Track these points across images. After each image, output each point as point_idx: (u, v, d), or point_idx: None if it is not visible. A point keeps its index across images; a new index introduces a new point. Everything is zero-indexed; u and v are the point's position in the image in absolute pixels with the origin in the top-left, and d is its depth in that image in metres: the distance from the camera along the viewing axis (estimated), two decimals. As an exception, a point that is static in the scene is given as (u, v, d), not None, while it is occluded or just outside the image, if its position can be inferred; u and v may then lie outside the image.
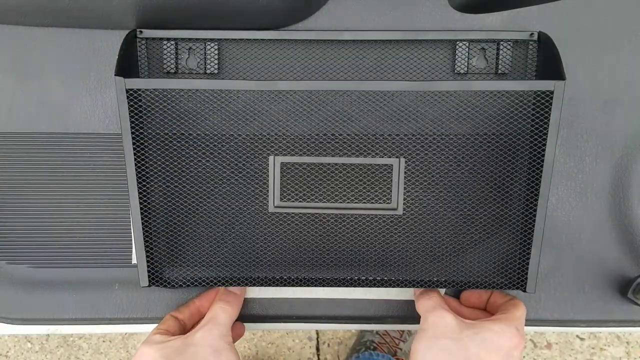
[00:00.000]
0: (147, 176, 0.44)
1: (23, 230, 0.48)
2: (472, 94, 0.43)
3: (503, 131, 0.44)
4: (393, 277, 0.46)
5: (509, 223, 0.45)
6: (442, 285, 0.46)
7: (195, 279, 0.46)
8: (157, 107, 0.44)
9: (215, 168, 0.45)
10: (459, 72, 0.46)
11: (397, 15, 0.46)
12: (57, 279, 0.48)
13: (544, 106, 0.41)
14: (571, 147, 0.47)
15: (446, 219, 0.45)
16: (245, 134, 0.44)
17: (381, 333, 1.13)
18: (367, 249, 0.46)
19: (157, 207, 0.45)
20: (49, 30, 0.46)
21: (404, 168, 0.44)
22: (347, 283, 0.46)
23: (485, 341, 0.41)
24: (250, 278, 0.46)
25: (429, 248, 0.46)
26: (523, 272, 0.44)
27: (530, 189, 0.44)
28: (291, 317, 0.49)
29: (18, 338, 1.27)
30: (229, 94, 0.44)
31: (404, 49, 0.46)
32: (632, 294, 0.46)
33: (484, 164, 0.45)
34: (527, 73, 0.46)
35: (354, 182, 0.45)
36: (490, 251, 0.45)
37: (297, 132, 0.44)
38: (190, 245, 0.46)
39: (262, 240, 0.46)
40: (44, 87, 0.47)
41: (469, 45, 0.45)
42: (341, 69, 0.46)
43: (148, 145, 0.44)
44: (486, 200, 0.45)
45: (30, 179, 0.47)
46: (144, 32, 0.45)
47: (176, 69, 0.46)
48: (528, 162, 0.44)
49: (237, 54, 0.46)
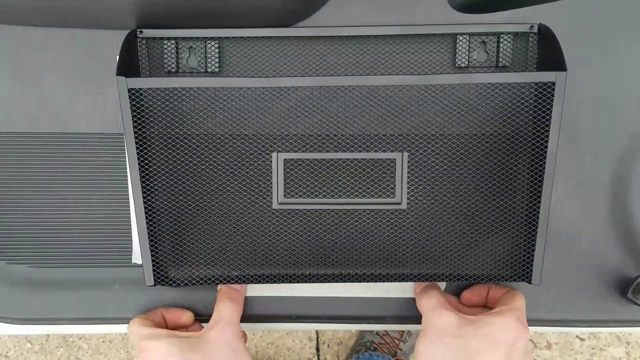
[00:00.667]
0: (149, 175, 0.44)
1: (23, 230, 0.48)
2: (474, 88, 0.43)
3: (505, 125, 0.44)
4: (398, 272, 0.46)
5: (513, 216, 0.45)
6: (447, 278, 0.46)
7: (200, 277, 0.46)
8: (159, 106, 0.44)
9: (218, 166, 0.45)
10: (460, 66, 0.46)
11: (397, 15, 0.46)
12: (57, 279, 0.48)
13: (545, 97, 0.41)
14: (571, 146, 0.47)
15: (450, 213, 0.45)
16: (248, 132, 0.44)
17: (381, 334, 1.13)
18: (372, 244, 0.46)
19: (160, 207, 0.45)
20: (49, 30, 0.46)
21: (407, 162, 0.44)
22: (353, 278, 0.46)
23: (488, 335, 0.41)
24: (255, 275, 0.46)
25: (433, 242, 0.46)
26: (528, 264, 0.44)
27: (533, 182, 0.44)
28: (291, 317, 0.49)
29: (18, 338, 1.27)
30: (230, 92, 0.44)
31: (404, 44, 0.46)
32: (632, 294, 0.46)
33: (487, 158, 0.45)
34: (528, 65, 0.46)
35: (357, 177, 0.45)
36: (494, 244, 0.45)
37: (299, 129, 0.44)
38: (194, 243, 0.46)
39: (267, 237, 0.46)
40: (44, 87, 0.47)
41: (469, 39, 0.45)
42: (342, 66, 0.46)
43: (150, 145, 0.44)
44: (490, 193, 0.45)
45: (30, 179, 0.47)
46: (145, 32, 0.45)
47: (177, 68, 0.46)
48: (531, 154, 0.44)
49: (238, 52, 0.46)
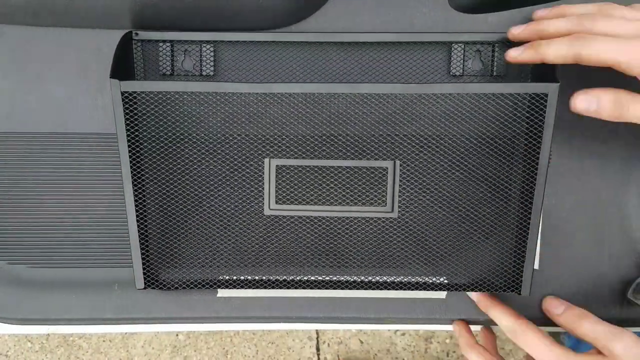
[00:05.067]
0: (142, 178, 0.44)
1: (23, 230, 0.48)
2: (467, 97, 0.43)
3: (498, 133, 0.44)
4: (389, 279, 0.46)
5: (504, 225, 0.45)
6: (437, 287, 0.46)
7: (191, 281, 0.46)
8: (153, 109, 0.44)
9: (211, 170, 0.45)
10: (455, 75, 0.46)
11: (395, 16, 0.46)
12: (57, 279, 0.48)
13: (538, 109, 0.41)
14: (570, 147, 0.47)
15: (441, 222, 0.45)
16: (241, 136, 0.44)
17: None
18: (363, 251, 0.46)
19: (153, 209, 0.45)
20: (49, 30, 0.46)
21: (399, 171, 0.44)
22: (344, 285, 0.46)
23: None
24: (247, 280, 0.46)
25: (424, 250, 0.46)
26: (518, 274, 0.44)
27: (525, 192, 0.44)
28: (291, 317, 0.49)
29: (18, 338, 1.27)
30: (224, 96, 0.44)
31: (399, 51, 0.46)
32: (632, 294, 0.46)
33: (479, 166, 0.45)
34: (523, 75, 0.46)
35: (349, 184, 0.45)
36: (486, 253, 0.45)
37: (292, 133, 0.44)
38: (186, 247, 0.46)
39: (258, 243, 0.46)
40: (44, 87, 0.47)
41: (464, 48, 0.45)
42: (337, 71, 0.46)
43: (144, 147, 0.44)
44: (482, 202, 0.45)
45: (30, 179, 0.47)
46: (140, 34, 0.45)
47: (172, 71, 0.46)
48: (523, 165, 0.44)
49: (233, 56, 0.46)
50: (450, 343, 1.26)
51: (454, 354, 1.26)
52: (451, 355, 1.26)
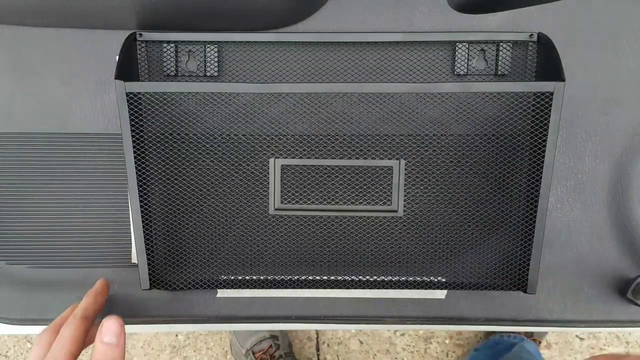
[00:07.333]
0: (147, 179, 0.44)
1: (22, 230, 0.48)
2: (472, 95, 0.43)
3: (503, 132, 0.44)
4: (393, 279, 0.46)
5: (509, 224, 0.45)
6: (442, 286, 0.46)
7: (196, 281, 0.46)
8: (158, 109, 0.44)
9: (216, 170, 0.45)
10: (459, 74, 0.46)
11: (396, 16, 0.46)
12: (57, 279, 0.48)
13: (543, 107, 0.41)
14: (570, 147, 0.47)
15: (446, 220, 0.45)
16: (246, 135, 0.45)
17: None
18: (368, 250, 0.46)
19: (157, 210, 0.45)
20: (49, 30, 0.46)
21: (404, 170, 0.44)
22: (348, 284, 0.46)
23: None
24: (251, 280, 0.46)
25: (429, 249, 0.46)
26: (523, 273, 0.44)
27: (530, 190, 0.44)
28: (291, 317, 0.49)
29: (18, 338, 1.27)
30: (228, 96, 0.44)
31: (404, 51, 0.46)
32: (631, 294, 0.46)
33: (484, 165, 0.45)
34: (527, 74, 0.46)
35: (354, 183, 0.45)
36: (490, 252, 0.45)
37: (297, 133, 0.44)
38: (191, 247, 0.46)
39: (263, 242, 0.46)
40: (44, 87, 0.47)
41: (468, 47, 0.45)
42: (341, 71, 0.46)
43: (148, 148, 0.44)
44: (486, 201, 0.45)
45: (30, 179, 0.47)
46: (144, 35, 0.45)
47: (176, 72, 0.46)
48: (528, 163, 0.44)
49: (237, 56, 0.46)
50: (450, 343, 1.26)
51: (453, 354, 1.26)
52: (451, 355, 1.26)
